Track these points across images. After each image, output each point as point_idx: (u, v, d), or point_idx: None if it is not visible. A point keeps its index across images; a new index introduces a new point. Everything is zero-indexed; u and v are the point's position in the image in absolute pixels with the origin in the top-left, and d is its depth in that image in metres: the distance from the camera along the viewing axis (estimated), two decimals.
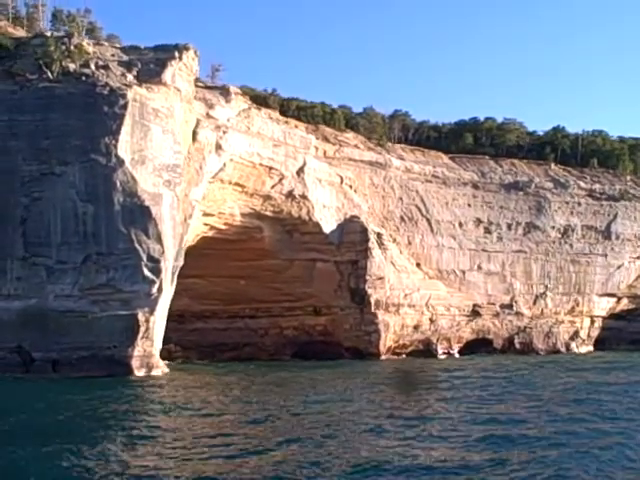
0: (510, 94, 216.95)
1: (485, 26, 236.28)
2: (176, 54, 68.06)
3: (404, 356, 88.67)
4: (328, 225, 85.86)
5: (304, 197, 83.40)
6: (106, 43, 69.81)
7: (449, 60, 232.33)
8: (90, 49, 66.53)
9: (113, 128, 60.45)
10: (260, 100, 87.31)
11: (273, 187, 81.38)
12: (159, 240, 60.37)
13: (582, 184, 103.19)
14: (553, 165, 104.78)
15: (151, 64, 67.42)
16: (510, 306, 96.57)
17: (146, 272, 59.38)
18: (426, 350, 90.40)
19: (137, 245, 59.40)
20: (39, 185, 59.70)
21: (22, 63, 63.76)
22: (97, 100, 61.12)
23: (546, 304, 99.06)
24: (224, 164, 74.77)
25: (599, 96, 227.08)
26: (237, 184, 78.05)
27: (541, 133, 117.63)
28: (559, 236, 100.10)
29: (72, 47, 64.92)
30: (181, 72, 68.45)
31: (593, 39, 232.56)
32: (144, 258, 59.47)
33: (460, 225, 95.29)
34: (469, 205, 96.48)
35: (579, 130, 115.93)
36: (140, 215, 59.94)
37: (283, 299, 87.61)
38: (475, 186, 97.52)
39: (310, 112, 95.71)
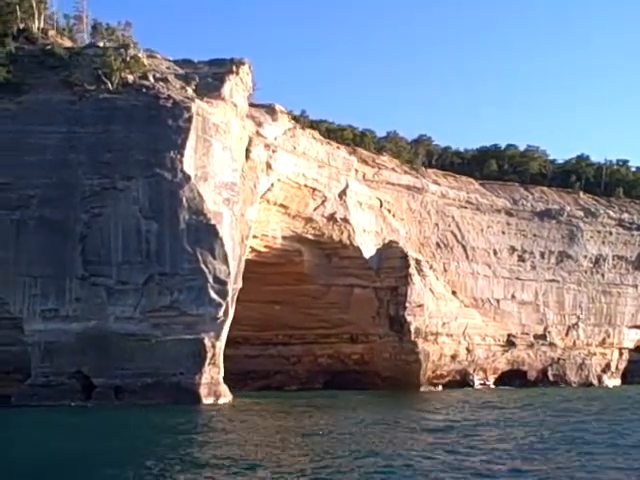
0: (530, 121, 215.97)
1: (502, 56, 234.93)
2: (233, 68, 65.59)
3: (440, 387, 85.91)
4: (368, 250, 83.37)
5: (345, 220, 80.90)
6: (159, 55, 67.05)
7: (469, 86, 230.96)
8: (145, 61, 63.93)
9: (178, 142, 57.64)
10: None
11: (316, 209, 78.83)
12: (225, 261, 57.45)
13: (611, 213, 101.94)
14: (582, 194, 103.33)
15: (209, 78, 65.00)
16: (544, 336, 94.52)
17: (212, 294, 56.33)
18: (462, 381, 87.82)
19: (203, 265, 56.39)
20: (100, 200, 56.56)
21: (79, 73, 60.74)
22: (161, 113, 58.34)
23: (578, 335, 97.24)
24: (272, 184, 72.22)
25: (620, 125, 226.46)
26: (281, 205, 75.44)
27: (561, 161, 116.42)
28: (591, 266, 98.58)
29: (129, 58, 62.14)
30: (237, 87, 66.02)
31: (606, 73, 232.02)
32: (210, 279, 56.44)
33: (495, 253, 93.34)
34: (503, 232, 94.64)
35: (601, 159, 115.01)
36: (206, 234, 57.01)
37: (318, 326, 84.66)
38: (508, 213, 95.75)
39: (340, 134, 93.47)
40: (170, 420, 44.56)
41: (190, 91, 62.28)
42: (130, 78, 60.79)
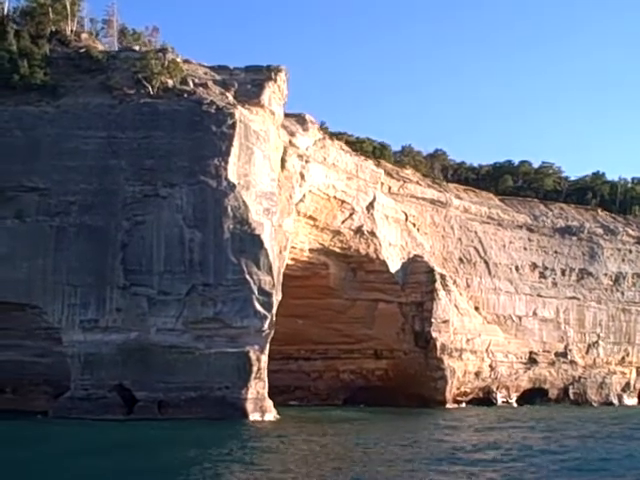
0: (541, 138, 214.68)
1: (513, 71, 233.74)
2: (271, 75, 64.16)
3: (464, 404, 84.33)
4: (393, 264, 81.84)
5: (372, 234, 79.41)
6: (194, 61, 65.49)
7: (479, 100, 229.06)
8: (182, 66, 62.37)
9: (222, 149, 56.06)
10: None
11: (343, 222, 77.34)
12: (270, 271, 55.70)
13: (630, 231, 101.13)
14: (600, 211, 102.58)
15: (247, 85, 63.56)
16: (564, 354, 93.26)
17: (257, 306, 54.48)
18: (486, 398, 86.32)
19: (248, 276, 54.59)
20: (142, 208, 54.77)
21: (118, 77, 59.09)
22: (204, 119, 56.74)
23: (598, 353, 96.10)
24: (303, 195, 70.73)
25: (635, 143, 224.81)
26: (310, 217, 73.91)
27: (573, 178, 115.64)
28: (611, 283, 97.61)
29: (167, 63, 60.53)
30: (274, 95, 64.55)
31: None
32: (255, 291, 54.62)
33: (517, 269, 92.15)
34: (525, 249, 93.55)
35: (615, 177, 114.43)
36: (251, 244, 55.30)
37: (341, 341, 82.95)
38: (530, 229, 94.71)
39: (359, 147, 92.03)
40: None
41: (230, 97, 60.76)
42: (170, 83, 59.25)
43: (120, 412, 51.73)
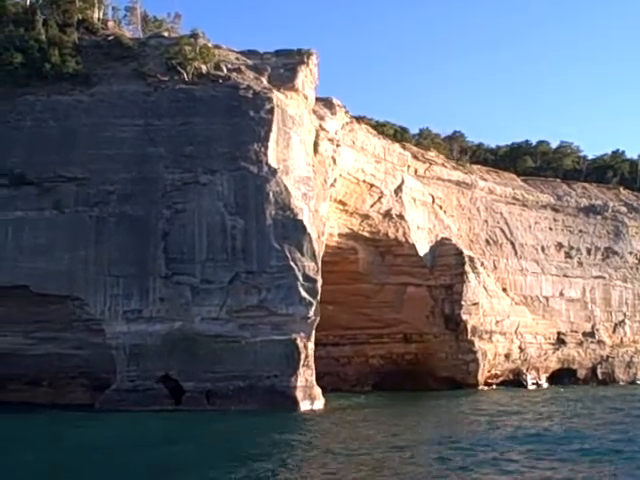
0: (558, 117, 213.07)
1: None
2: (304, 59, 63.20)
3: (494, 387, 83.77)
4: (422, 247, 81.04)
5: (401, 217, 78.59)
6: (224, 46, 64.45)
7: (495, 80, 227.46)
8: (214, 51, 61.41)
9: (261, 134, 55.23)
10: None
11: (372, 206, 76.53)
12: (313, 257, 54.98)
13: None
14: (622, 189, 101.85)
15: (280, 69, 62.60)
16: (592, 334, 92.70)
17: (303, 293, 53.77)
18: (516, 380, 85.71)
19: (292, 263, 53.78)
20: (182, 195, 53.95)
21: (150, 64, 58.11)
22: (241, 104, 55.93)
23: (625, 332, 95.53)
24: (334, 179, 69.82)
25: None
26: (340, 202, 73.09)
27: (591, 156, 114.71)
28: (636, 262, 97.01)
29: (199, 48, 59.54)
30: (306, 79, 63.58)
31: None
32: (300, 277, 53.89)
33: (542, 249, 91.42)
34: (550, 229, 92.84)
35: (634, 155, 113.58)
36: (293, 230, 54.50)
37: (370, 326, 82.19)
38: (554, 209, 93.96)
39: (380, 130, 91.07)
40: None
41: (265, 82, 59.83)
42: (204, 68, 58.40)
43: (168, 403, 51.09)
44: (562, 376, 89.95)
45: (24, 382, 58.93)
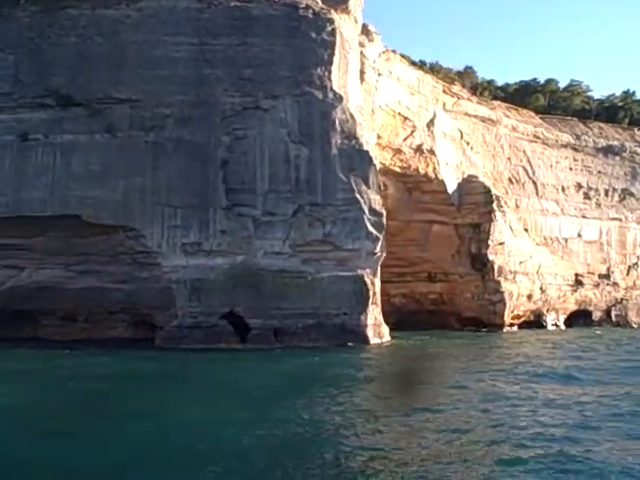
0: (566, 56, 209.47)
1: None
2: None
3: (516, 328, 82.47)
4: (450, 184, 78.62)
5: (432, 152, 75.96)
6: None
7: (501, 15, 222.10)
8: None
9: (325, 58, 51.89)
10: None
11: (405, 140, 73.76)
12: (379, 190, 52.14)
13: None
14: (637, 130, 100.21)
15: None
16: (607, 276, 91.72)
17: (369, 227, 51.02)
18: (536, 321, 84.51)
19: (358, 195, 50.88)
20: (242, 121, 50.41)
21: None
22: (301, 24, 52.32)
23: (638, 275, 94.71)
24: (372, 111, 66.58)
25: None
26: (377, 135, 69.94)
27: (598, 96, 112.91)
28: None
29: None
30: (356, 1, 59.88)
31: None
32: (366, 211, 51.07)
33: (563, 190, 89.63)
34: (570, 169, 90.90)
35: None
36: (359, 161, 51.58)
37: (394, 264, 79.16)
38: (574, 149, 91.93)
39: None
40: None
41: (320, 2, 56.06)
42: None
43: (234, 341, 48.26)
44: (578, 318, 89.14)
45: (59, 317, 55.52)
